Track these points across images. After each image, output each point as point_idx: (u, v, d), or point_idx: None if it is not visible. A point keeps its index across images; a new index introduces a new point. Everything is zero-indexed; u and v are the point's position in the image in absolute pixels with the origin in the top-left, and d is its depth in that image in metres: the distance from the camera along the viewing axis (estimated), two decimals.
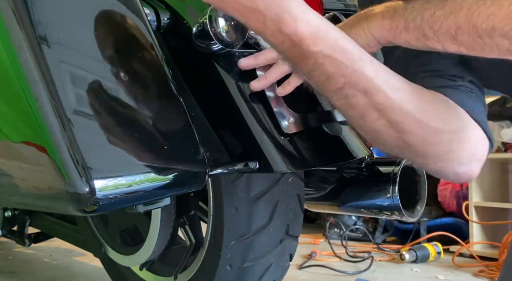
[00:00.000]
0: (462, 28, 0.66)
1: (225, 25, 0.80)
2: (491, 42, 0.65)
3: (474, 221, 2.42)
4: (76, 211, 0.69)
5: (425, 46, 0.72)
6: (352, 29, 0.76)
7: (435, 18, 0.68)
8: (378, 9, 0.75)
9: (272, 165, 0.83)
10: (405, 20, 0.71)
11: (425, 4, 0.70)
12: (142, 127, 0.74)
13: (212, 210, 1.04)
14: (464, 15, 0.65)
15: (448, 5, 0.67)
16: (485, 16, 0.63)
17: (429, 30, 0.69)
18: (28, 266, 2.13)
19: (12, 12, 0.72)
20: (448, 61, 0.90)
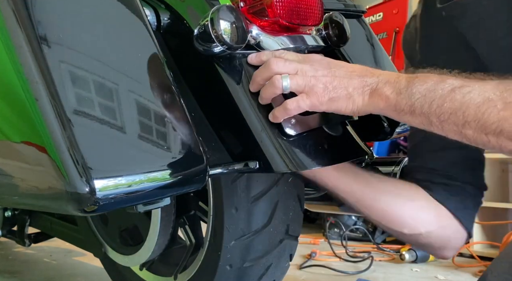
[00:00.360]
0: (470, 124, 0.67)
1: (227, 28, 0.79)
2: (495, 141, 0.67)
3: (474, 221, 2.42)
4: (76, 211, 0.69)
5: (426, 129, 0.74)
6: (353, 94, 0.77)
7: (443, 110, 0.69)
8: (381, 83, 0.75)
9: (272, 165, 0.82)
10: (411, 105, 0.72)
11: (432, 92, 0.70)
12: (142, 127, 0.74)
13: (212, 210, 1.04)
14: (474, 112, 0.66)
15: (457, 99, 0.68)
16: (495, 118, 0.65)
17: (436, 119, 0.70)
18: (28, 266, 2.13)
19: (12, 12, 0.72)
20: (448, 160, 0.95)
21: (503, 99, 0.64)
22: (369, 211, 0.96)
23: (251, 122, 0.83)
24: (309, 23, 0.87)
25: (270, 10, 0.82)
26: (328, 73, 0.78)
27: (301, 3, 0.84)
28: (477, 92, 0.66)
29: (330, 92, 0.77)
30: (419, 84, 0.71)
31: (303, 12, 0.85)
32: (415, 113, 0.72)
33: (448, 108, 0.68)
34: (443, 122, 0.70)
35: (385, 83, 0.74)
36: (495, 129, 0.65)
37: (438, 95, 0.69)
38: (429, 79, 0.71)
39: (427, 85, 0.71)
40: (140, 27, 0.81)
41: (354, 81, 0.77)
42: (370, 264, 2.15)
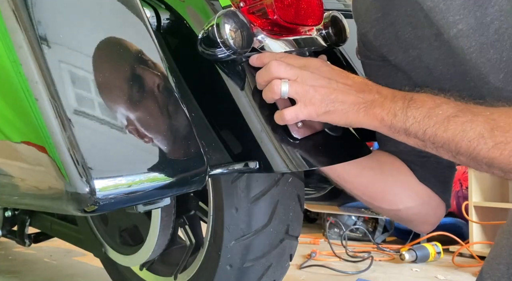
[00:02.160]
0: (462, 154, 0.71)
1: (232, 32, 0.79)
2: (488, 170, 0.71)
3: (474, 221, 2.42)
4: (76, 211, 0.69)
5: (421, 148, 0.77)
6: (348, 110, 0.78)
7: (437, 138, 0.72)
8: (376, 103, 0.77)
9: (272, 165, 0.83)
10: (406, 128, 0.74)
11: (426, 119, 0.72)
12: (142, 127, 0.74)
13: (212, 210, 1.04)
14: (466, 146, 0.69)
15: (450, 130, 0.70)
16: (485, 155, 0.68)
17: (431, 144, 0.74)
18: (28, 266, 2.13)
19: (12, 12, 0.72)
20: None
21: (493, 138, 0.67)
22: (350, 186, 0.97)
23: (251, 122, 0.83)
24: (309, 23, 0.87)
25: (270, 10, 0.82)
26: (327, 84, 0.79)
27: (301, 3, 0.84)
28: (469, 125, 0.69)
29: (328, 105, 0.78)
30: (414, 108, 0.73)
31: (303, 12, 0.85)
32: (410, 136, 0.75)
33: (442, 138, 0.71)
34: (438, 148, 0.73)
35: (381, 103, 0.76)
36: (486, 162, 0.69)
37: (432, 122, 0.72)
38: (424, 103, 0.73)
39: (422, 110, 0.73)
40: (140, 27, 0.81)
41: (351, 97, 0.78)
42: (370, 264, 2.15)
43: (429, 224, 1.01)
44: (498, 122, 0.68)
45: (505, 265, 0.84)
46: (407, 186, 0.96)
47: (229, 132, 0.89)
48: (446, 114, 0.71)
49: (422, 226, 1.03)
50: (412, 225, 1.04)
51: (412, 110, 0.73)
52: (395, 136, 0.77)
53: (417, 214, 0.98)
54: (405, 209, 0.96)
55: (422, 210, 0.97)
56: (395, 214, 0.99)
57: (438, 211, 0.99)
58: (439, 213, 1.00)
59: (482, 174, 2.50)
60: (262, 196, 1.01)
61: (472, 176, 2.44)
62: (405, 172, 0.96)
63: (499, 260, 0.84)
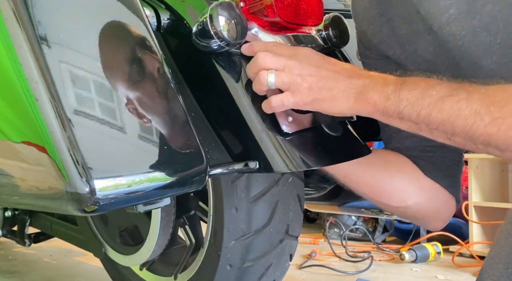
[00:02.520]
0: (458, 134, 0.69)
1: (226, 24, 0.80)
2: (484, 149, 0.69)
3: (474, 221, 2.42)
4: (76, 211, 0.69)
5: (415, 132, 0.75)
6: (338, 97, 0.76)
7: (432, 119, 0.70)
8: (368, 87, 0.75)
9: (272, 165, 0.83)
10: (399, 111, 0.72)
11: (420, 100, 0.70)
12: (142, 127, 0.74)
13: (212, 210, 1.04)
14: (462, 124, 0.67)
15: (445, 110, 0.68)
16: (482, 132, 0.66)
17: (425, 127, 0.72)
18: (28, 266, 2.13)
19: (12, 12, 0.72)
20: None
21: (490, 114, 0.65)
22: (357, 184, 0.96)
23: (251, 122, 0.83)
24: (309, 23, 0.87)
25: (270, 10, 0.82)
26: (315, 72, 0.77)
27: (301, 3, 0.84)
28: (465, 103, 0.67)
29: (315, 93, 0.77)
30: (407, 90, 0.72)
31: (303, 12, 0.85)
32: (404, 119, 0.73)
33: (437, 119, 0.69)
34: (432, 130, 0.71)
35: (373, 87, 0.74)
36: (483, 141, 0.67)
37: (426, 103, 0.70)
38: (417, 85, 0.71)
39: (415, 92, 0.71)
40: (140, 27, 0.81)
41: (340, 83, 0.76)
42: (370, 264, 2.15)
43: (441, 220, 1.00)
44: (494, 97, 0.66)
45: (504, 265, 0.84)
46: (414, 182, 0.95)
47: (229, 132, 0.89)
48: (440, 94, 0.69)
49: (434, 223, 1.01)
50: (423, 222, 1.02)
51: (405, 92, 0.71)
52: (389, 120, 0.75)
53: (426, 210, 0.97)
54: (413, 205, 0.95)
55: (431, 206, 0.96)
56: (404, 211, 0.98)
57: (448, 206, 0.98)
58: (450, 208, 0.98)
59: (482, 174, 2.50)
60: (262, 196, 1.01)
61: (472, 176, 2.44)
62: (411, 168, 0.95)
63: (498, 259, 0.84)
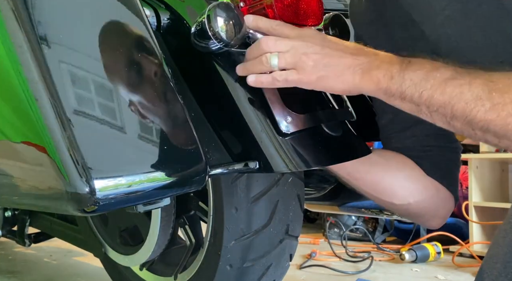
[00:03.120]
0: (457, 117, 0.69)
1: (224, 25, 0.79)
2: (482, 136, 0.69)
3: (474, 221, 2.42)
4: (76, 211, 0.69)
5: (415, 115, 0.75)
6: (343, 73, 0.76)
7: (433, 101, 0.70)
8: (373, 65, 0.75)
9: (272, 165, 0.83)
10: (402, 91, 0.72)
11: (423, 82, 0.70)
12: (142, 127, 0.74)
13: (212, 210, 1.04)
14: (462, 108, 0.68)
15: (447, 93, 0.69)
16: (482, 117, 0.66)
17: (425, 108, 0.72)
18: (28, 266, 2.13)
19: (12, 12, 0.72)
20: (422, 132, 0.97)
21: (491, 99, 0.65)
22: (360, 183, 0.97)
23: (251, 122, 0.83)
24: (309, 23, 0.87)
25: (270, 10, 0.82)
26: (320, 50, 0.77)
27: (301, 3, 0.84)
28: (467, 87, 0.67)
29: (320, 71, 0.76)
30: (412, 70, 0.71)
31: (303, 12, 0.85)
32: (405, 99, 0.72)
33: (438, 101, 0.69)
34: (432, 112, 0.71)
35: (377, 65, 0.74)
36: (481, 126, 0.67)
37: (429, 85, 0.70)
38: (422, 66, 0.71)
39: (419, 72, 0.71)
40: (140, 27, 0.81)
41: (346, 60, 0.76)
42: (370, 264, 2.15)
43: (440, 218, 1.01)
44: (497, 83, 0.66)
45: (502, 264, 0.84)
46: (415, 180, 0.96)
47: (229, 132, 0.89)
48: (444, 77, 0.69)
49: (433, 221, 1.02)
50: (423, 220, 1.03)
51: (410, 72, 0.71)
52: (390, 100, 0.75)
53: (427, 207, 0.98)
54: (415, 203, 0.96)
55: (432, 204, 0.98)
56: (406, 209, 0.99)
57: (447, 204, 0.99)
58: (448, 206, 0.99)
59: (482, 174, 2.50)
60: (262, 196, 1.01)
61: (472, 176, 2.44)
62: (412, 166, 0.96)
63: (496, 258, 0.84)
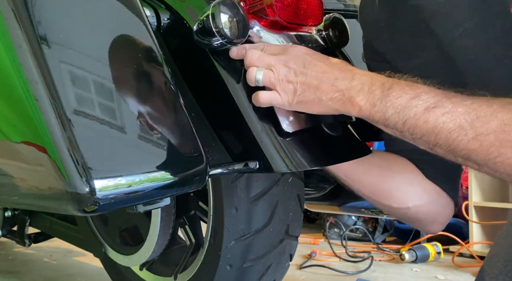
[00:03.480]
0: (441, 146, 0.70)
1: (228, 21, 0.80)
2: (463, 162, 0.71)
3: (474, 221, 2.42)
4: (76, 211, 0.69)
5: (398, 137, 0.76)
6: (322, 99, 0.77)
7: (417, 130, 0.71)
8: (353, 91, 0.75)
9: (272, 165, 0.83)
10: (385, 119, 0.73)
11: (406, 110, 0.71)
12: (142, 127, 0.74)
13: (212, 210, 1.04)
14: (445, 137, 0.69)
15: (430, 122, 0.70)
16: (464, 146, 0.68)
17: (408, 135, 0.73)
18: (28, 266, 2.13)
19: (12, 12, 0.72)
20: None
21: (473, 129, 0.66)
22: (358, 185, 0.97)
23: (251, 122, 0.83)
24: (309, 23, 0.87)
25: (270, 10, 0.82)
26: (300, 74, 0.78)
27: (301, 3, 0.84)
28: (450, 116, 0.68)
29: (299, 96, 0.78)
30: (394, 97, 0.72)
31: (303, 12, 0.85)
32: (389, 126, 0.74)
33: (422, 129, 0.70)
34: (416, 139, 0.72)
35: (358, 92, 0.75)
36: (463, 155, 0.68)
37: (412, 113, 0.71)
38: (404, 92, 0.72)
39: (401, 100, 0.72)
40: (140, 27, 0.81)
41: (323, 85, 0.77)
42: (370, 264, 2.15)
43: (439, 224, 1.01)
44: (479, 112, 0.67)
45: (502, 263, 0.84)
46: (415, 184, 0.95)
47: (229, 132, 0.89)
48: (426, 105, 0.70)
49: (431, 226, 1.02)
50: (421, 225, 1.03)
51: (392, 99, 0.72)
52: (373, 124, 0.76)
53: (426, 212, 0.97)
54: (414, 207, 0.96)
55: (432, 209, 0.97)
56: (404, 213, 0.98)
57: (447, 210, 0.99)
58: (448, 212, 0.99)
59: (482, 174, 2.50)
60: (262, 196, 1.01)
61: (472, 176, 2.44)
62: (412, 170, 0.96)
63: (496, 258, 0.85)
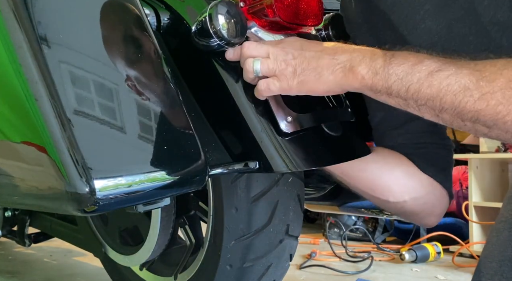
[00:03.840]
0: (447, 110, 0.68)
1: (225, 23, 0.80)
2: (471, 126, 0.68)
3: (474, 221, 2.42)
4: (76, 211, 0.69)
5: (402, 109, 0.74)
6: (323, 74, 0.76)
7: (421, 95, 0.69)
8: (355, 61, 0.74)
9: (272, 165, 0.83)
10: (388, 87, 0.72)
11: (409, 76, 0.70)
12: (142, 127, 0.74)
13: (212, 210, 1.04)
14: (451, 100, 0.67)
15: (434, 85, 0.68)
16: (471, 108, 0.66)
17: (413, 103, 0.71)
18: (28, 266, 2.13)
19: (12, 12, 0.72)
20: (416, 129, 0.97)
21: (479, 89, 0.65)
22: (355, 181, 0.96)
23: (251, 122, 0.83)
24: (309, 23, 0.87)
25: (269, 10, 0.82)
26: (298, 55, 0.78)
27: (301, 3, 0.84)
28: (454, 78, 0.66)
29: (299, 76, 0.77)
30: (396, 65, 0.71)
31: (303, 12, 0.85)
32: (392, 95, 0.72)
33: (426, 94, 0.68)
34: (420, 106, 0.70)
35: (359, 61, 0.73)
36: (471, 117, 0.66)
37: (415, 79, 0.69)
38: (406, 59, 0.71)
39: (404, 66, 0.70)
40: (140, 27, 0.81)
41: (323, 61, 0.76)
42: (370, 264, 2.15)
43: (435, 216, 1.01)
44: (483, 72, 0.65)
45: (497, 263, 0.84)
46: (411, 177, 0.96)
47: (229, 132, 0.89)
48: (429, 69, 0.68)
49: (428, 219, 1.01)
50: (418, 218, 1.03)
51: (394, 67, 0.71)
52: (377, 96, 0.74)
53: (423, 205, 0.97)
54: (411, 201, 0.96)
55: (428, 201, 0.97)
56: (401, 207, 0.98)
57: (443, 201, 0.99)
58: (444, 204, 0.99)
59: (482, 174, 2.50)
60: (262, 196, 1.01)
61: (472, 176, 2.44)
62: (407, 164, 0.96)
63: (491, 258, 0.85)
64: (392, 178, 0.96)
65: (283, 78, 0.78)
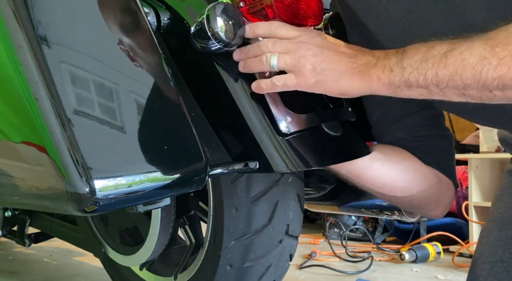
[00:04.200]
0: (470, 85, 0.67)
1: (223, 25, 0.79)
2: (502, 94, 0.66)
3: (474, 221, 2.42)
4: (76, 211, 0.69)
5: (427, 98, 0.73)
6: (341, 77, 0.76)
7: (439, 78, 0.68)
8: (370, 65, 0.75)
9: (272, 165, 0.83)
10: (406, 79, 0.71)
11: (423, 63, 0.70)
12: (142, 127, 0.74)
13: (212, 210, 1.04)
14: (471, 74, 0.66)
15: (450, 65, 0.67)
16: (494, 74, 0.64)
17: (435, 88, 0.70)
18: (28, 266, 2.13)
19: (12, 12, 0.72)
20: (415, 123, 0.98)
21: (496, 55, 0.64)
22: (360, 180, 0.96)
23: (251, 122, 0.83)
24: (309, 23, 0.87)
25: (269, 10, 0.82)
26: (318, 53, 0.78)
27: (301, 3, 0.84)
28: (468, 52, 0.66)
29: (318, 75, 0.77)
30: (409, 57, 0.71)
31: (303, 12, 0.85)
32: (412, 86, 0.72)
33: (444, 76, 0.68)
34: (443, 89, 0.69)
35: (374, 64, 0.74)
36: (497, 85, 0.65)
37: (430, 64, 0.69)
38: (417, 50, 0.71)
39: (417, 56, 0.70)
40: (140, 27, 0.81)
41: (342, 64, 0.77)
42: (370, 264, 2.15)
43: (443, 206, 1.01)
44: (496, 39, 0.64)
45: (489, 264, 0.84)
46: (415, 170, 0.96)
47: (229, 132, 0.89)
48: (442, 52, 0.68)
49: (438, 209, 1.01)
50: (426, 210, 1.03)
51: (407, 60, 0.71)
52: (397, 92, 0.74)
53: (430, 196, 0.98)
54: (418, 193, 0.96)
55: (434, 192, 0.98)
56: (409, 200, 0.98)
57: (449, 191, 0.99)
58: (450, 192, 1.00)
59: (482, 174, 2.50)
60: (262, 196, 1.01)
61: (472, 176, 2.44)
62: (410, 158, 0.96)
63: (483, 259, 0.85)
64: (396, 173, 0.96)
65: (300, 74, 0.78)
